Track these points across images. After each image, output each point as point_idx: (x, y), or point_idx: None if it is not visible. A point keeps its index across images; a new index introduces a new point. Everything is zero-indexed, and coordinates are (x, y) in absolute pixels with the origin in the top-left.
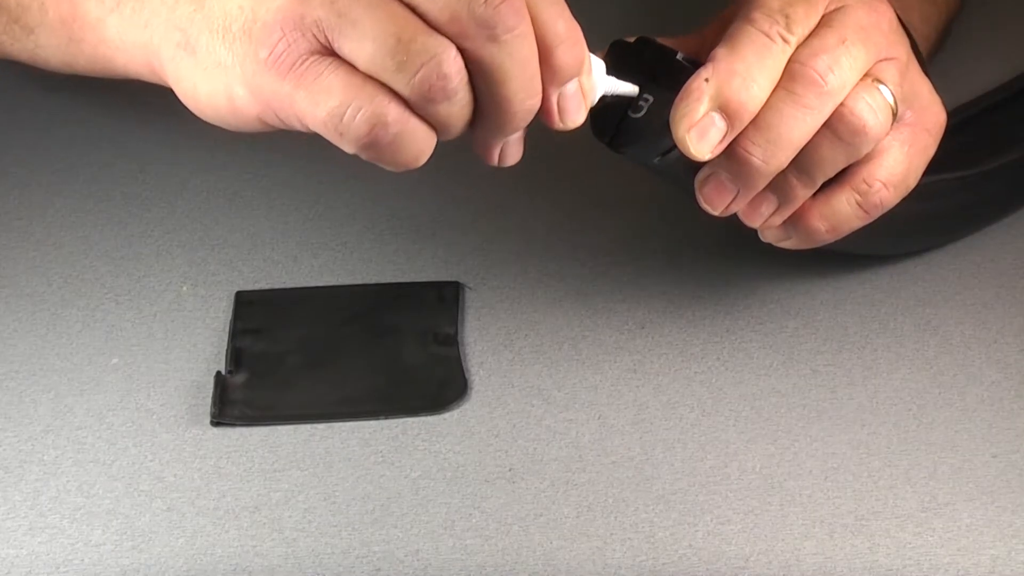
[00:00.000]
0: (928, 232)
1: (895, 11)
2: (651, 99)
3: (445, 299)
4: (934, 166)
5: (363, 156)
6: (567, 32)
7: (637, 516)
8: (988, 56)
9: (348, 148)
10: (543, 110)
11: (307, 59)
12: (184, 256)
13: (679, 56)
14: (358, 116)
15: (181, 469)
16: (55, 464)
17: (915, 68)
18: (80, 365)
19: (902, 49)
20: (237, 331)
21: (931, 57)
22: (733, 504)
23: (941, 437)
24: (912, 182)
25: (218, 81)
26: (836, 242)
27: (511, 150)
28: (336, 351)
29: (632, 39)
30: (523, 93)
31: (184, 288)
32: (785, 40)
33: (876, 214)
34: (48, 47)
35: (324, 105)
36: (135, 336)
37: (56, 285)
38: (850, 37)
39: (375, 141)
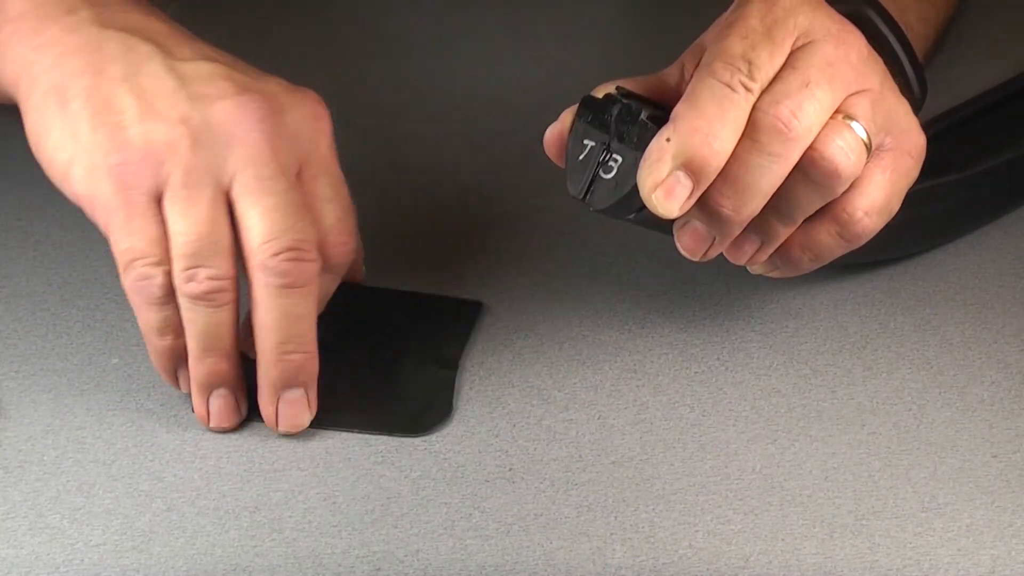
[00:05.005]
0: (922, 236)
1: (891, 13)
2: (620, 159)
3: (461, 318)
4: (925, 170)
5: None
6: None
7: (637, 516)
8: (988, 56)
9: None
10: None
11: (142, 195)
12: None
13: (643, 115)
14: (133, 272)
15: (181, 469)
16: (55, 464)
17: (891, 93)
18: (80, 365)
19: (874, 78)
20: None
21: (929, 58)
22: (733, 504)
23: (941, 437)
24: (895, 206)
25: (67, 147)
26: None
27: None
28: (333, 352)
29: (601, 95)
30: None
31: None
32: (747, 88)
33: (859, 243)
34: None
35: (124, 243)
36: (135, 336)
37: (56, 285)
38: (814, 78)
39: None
